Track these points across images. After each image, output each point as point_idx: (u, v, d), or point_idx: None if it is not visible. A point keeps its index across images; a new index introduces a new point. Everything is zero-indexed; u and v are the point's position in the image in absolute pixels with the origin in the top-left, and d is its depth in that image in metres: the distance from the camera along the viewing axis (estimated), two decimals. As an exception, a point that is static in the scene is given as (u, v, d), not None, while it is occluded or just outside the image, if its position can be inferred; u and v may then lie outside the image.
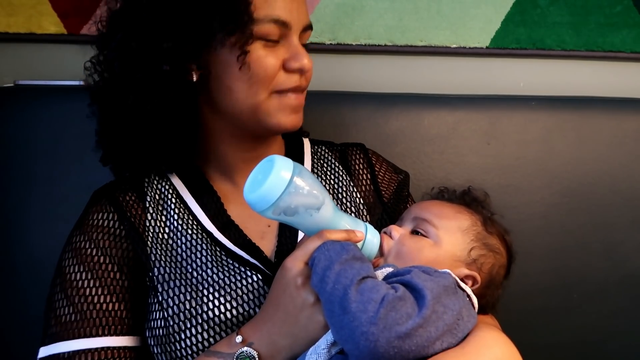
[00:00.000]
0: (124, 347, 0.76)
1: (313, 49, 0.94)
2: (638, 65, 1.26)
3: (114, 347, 0.75)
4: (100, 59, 0.80)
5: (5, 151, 1.06)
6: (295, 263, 0.68)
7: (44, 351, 0.75)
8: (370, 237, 0.70)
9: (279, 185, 0.64)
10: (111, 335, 0.75)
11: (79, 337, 0.74)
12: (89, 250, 0.79)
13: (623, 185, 1.14)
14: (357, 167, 0.94)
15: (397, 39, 1.21)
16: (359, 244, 0.69)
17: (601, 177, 1.14)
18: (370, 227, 0.72)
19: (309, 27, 0.81)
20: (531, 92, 1.23)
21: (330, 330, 0.64)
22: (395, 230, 0.78)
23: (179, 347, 0.73)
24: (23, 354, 1.03)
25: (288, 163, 0.66)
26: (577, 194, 1.14)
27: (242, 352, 0.68)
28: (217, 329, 0.73)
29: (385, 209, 0.91)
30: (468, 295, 0.69)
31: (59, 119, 1.06)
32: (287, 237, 0.83)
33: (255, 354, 0.67)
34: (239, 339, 0.69)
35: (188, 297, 0.75)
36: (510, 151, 1.14)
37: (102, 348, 0.74)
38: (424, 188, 1.06)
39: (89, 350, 0.74)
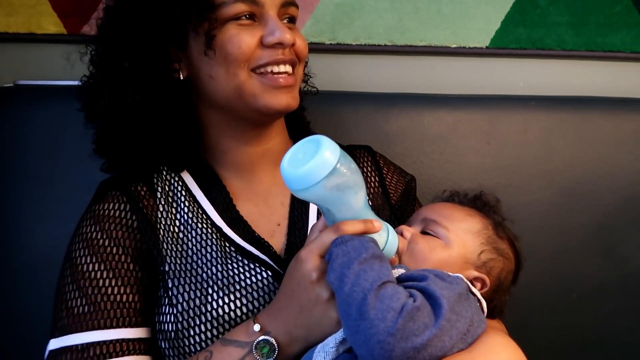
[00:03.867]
0: (138, 339, 0.75)
1: (313, 49, 0.94)
2: (638, 65, 1.26)
3: (129, 339, 0.74)
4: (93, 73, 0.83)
5: (5, 151, 1.06)
6: (310, 256, 0.66)
7: (54, 343, 0.73)
8: (392, 238, 0.69)
9: (331, 157, 0.62)
10: (125, 326, 0.74)
11: (93, 329, 0.73)
12: (101, 240, 0.77)
13: (623, 185, 1.14)
14: (365, 170, 0.93)
15: (397, 39, 1.21)
16: (380, 245, 0.68)
17: (601, 177, 1.14)
18: (391, 228, 0.71)
19: (290, 3, 0.80)
20: (531, 92, 1.23)
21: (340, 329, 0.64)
22: (407, 230, 0.78)
23: (187, 344, 0.73)
24: (23, 353, 1.03)
25: (331, 141, 0.64)
26: (577, 194, 1.14)
27: (261, 340, 0.67)
28: (227, 326, 0.73)
29: (393, 211, 0.91)
30: (478, 300, 0.69)
31: (59, 119, 1.06)
32: (297, 236, 0.83)
33: (274, 342, 0.67)
34: (256, 327, 0.69)
35: (198, 295, 0.74)
36: (510, 151, 1.14)
37: (117, 340, 0.73)
38: (424, 188, 1.06)
39: (104, 342, 0.72)
